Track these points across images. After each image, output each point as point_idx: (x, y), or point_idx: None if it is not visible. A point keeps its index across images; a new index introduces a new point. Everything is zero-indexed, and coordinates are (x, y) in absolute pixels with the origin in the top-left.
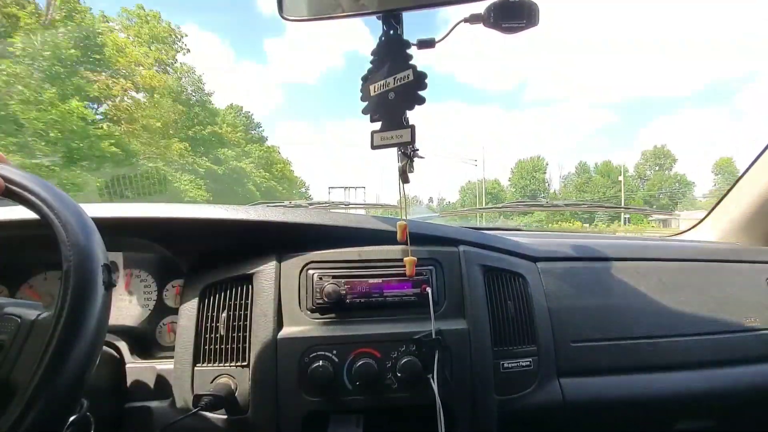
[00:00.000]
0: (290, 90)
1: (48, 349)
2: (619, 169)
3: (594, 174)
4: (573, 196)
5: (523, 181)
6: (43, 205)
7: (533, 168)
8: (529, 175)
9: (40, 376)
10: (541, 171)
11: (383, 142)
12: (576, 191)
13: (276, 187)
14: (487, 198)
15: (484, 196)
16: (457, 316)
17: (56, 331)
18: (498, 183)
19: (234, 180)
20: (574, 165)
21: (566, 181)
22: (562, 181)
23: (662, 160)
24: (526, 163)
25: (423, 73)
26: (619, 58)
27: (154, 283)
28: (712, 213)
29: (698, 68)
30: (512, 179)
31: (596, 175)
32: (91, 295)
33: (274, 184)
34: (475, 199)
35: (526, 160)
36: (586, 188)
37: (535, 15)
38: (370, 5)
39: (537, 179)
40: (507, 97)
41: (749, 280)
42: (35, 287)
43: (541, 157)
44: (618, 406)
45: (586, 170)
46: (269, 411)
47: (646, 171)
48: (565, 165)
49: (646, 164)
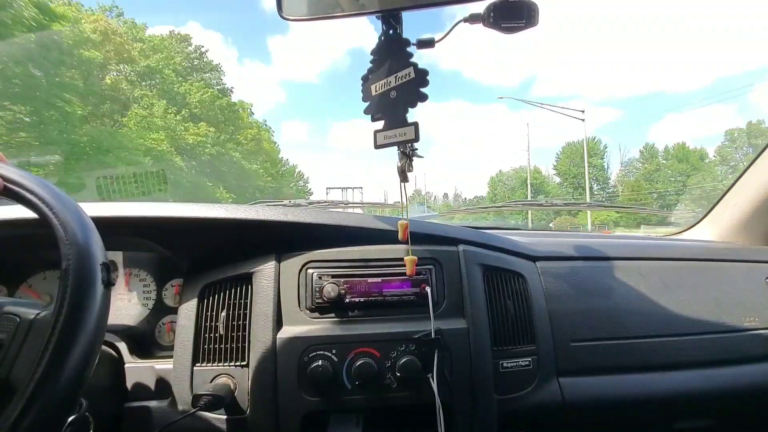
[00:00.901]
0: (294, 89)
1: (47, 348)
2: (698, 153)
3: (662, 159)
4: (639, 187)
5: (574, 168)
6: (41, 204)
7: (588, 152)
8: (583, 161)
9: (39, 375)
10: (598, 156)
11: (387, 140)
12: (644, 181)
13: (230, 154)
14: (528, 190)
15: (530, 187)
16: (457, 315)
17: (55, 329)
18: (539, 172)
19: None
20: (638, 149)
21: (627, 168)
22: (623, 168)
23: (758, 139)
24: (578, 147)
25: (424, 70)
26: (624, 55)
27: (153, 283)
28: (711, 212)
29: (706, 63)
30: (558, 166)
31: (669, 160)
32: (90, 293)
33: (234, 154)
34: (510, 192)
35: (577, 143)
36: (656, 177)
37: (535, 15)
38: (369, 5)
39: (593, 165)
40: (513, 95)
41: (749, 279)
42: (34, 286)
43: (597, 139)
44: (617, 406)
45: (654, 154)
46: (269, 411)
47: (734, 154)
48: (628, 147)
49: (733, 146)
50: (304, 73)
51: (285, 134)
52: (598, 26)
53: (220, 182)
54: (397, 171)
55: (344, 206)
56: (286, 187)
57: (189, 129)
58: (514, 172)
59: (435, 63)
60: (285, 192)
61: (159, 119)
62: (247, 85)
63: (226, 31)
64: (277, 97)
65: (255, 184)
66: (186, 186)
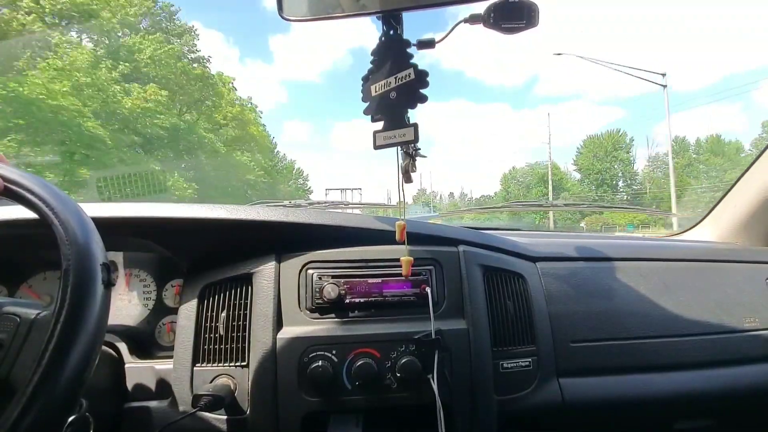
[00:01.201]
0: (295, 88)
1: (47, 348)
2: (734, 146)
3: (694, 154)
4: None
5: (598, 162)
6: (42, 205)
7: (612, 146)
8: (609, 155)
9: (39, 375)
10: (625, 149)
11: (386, 141)
12: (677, 176)
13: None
14: (546, 188)
15: (551, 184)
16: (457, 316)
17: (55, 330)
18: (557, 168)
19: None
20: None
21: (655, 162)
22: (649, 163)
23: None
24: (602, 140)
25: (424, 71)
26: (629, 54)
27: (153, 283)
28: (712, 213)
29: (712, 62)
30: (579, 161)
31: (703, 154)
32: (91, 294)
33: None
34: (525, 190)
35: (601, 136)
36: (689, 172)
37: (535, 15)
38: (370, 5)
39: (618, 159)
40: (515, 95)
41: (749, 280)
42: (34, 286)
43: (622, 132)
44: (617, 406)
45: (686, 148)
46: (269, 411)
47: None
48: (657, 140)
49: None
50: (306, 73)
51: (287, 134)
52: (601, 25)
53: (186, 171)
54: (401, 171)
55: (344, 207)
56: (284, 184)
57: (134, 91)
58: (529, 169)
59: (437, 63)
60: (282, 189)
61: (83, 74)
62: (249, 84)
63: (227, 31)
64: (278, 96)
65: (243, 177)
66: (116, 167)
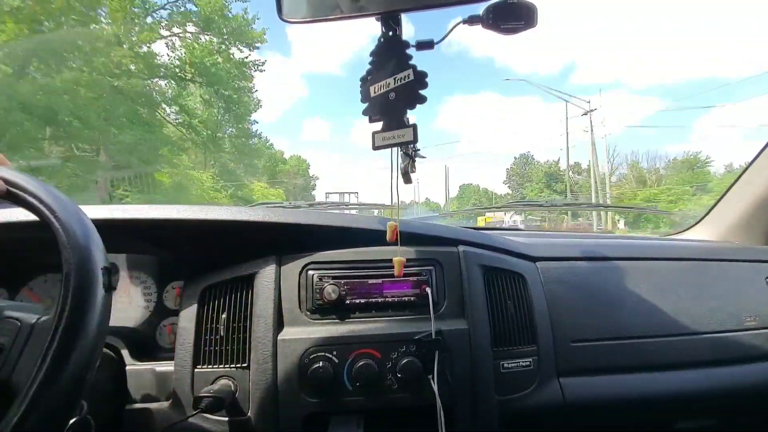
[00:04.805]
0: (315, 81)
1: (48, 352)
2: None
3: None
4: None
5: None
6: (43, 208)
7: None
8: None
9: (40, 378)
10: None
11: (385, 142)
12: None
13: None
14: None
15: (568, 184)
16: (457, 316)
17: (56, 334)
18: (579, 165)
19: None
20: None
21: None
22: None
23: None
24: None
25: (423, 72)
26: (674, 39)
27: (153, 285)
28: (711, 212)
29: None
30: None
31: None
32: (92, 297)
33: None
34: (538, 191)
35: None
36: None
37: (534, 16)
38: (369, 6)
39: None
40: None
41: (748, 279)
42: (35, 290)
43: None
44: (618, 406)
45: None
46: (270, 412)
47: None
48: None
49: None
50: (326, 65)
51: (306, 132)
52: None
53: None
54: (400, 172)
55: (344, 207)
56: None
57: None
58: (546, 165)
59: (466, 50)
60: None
61: None
62: (267, 78)
63: None
64: (299, 92)
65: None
66: None
